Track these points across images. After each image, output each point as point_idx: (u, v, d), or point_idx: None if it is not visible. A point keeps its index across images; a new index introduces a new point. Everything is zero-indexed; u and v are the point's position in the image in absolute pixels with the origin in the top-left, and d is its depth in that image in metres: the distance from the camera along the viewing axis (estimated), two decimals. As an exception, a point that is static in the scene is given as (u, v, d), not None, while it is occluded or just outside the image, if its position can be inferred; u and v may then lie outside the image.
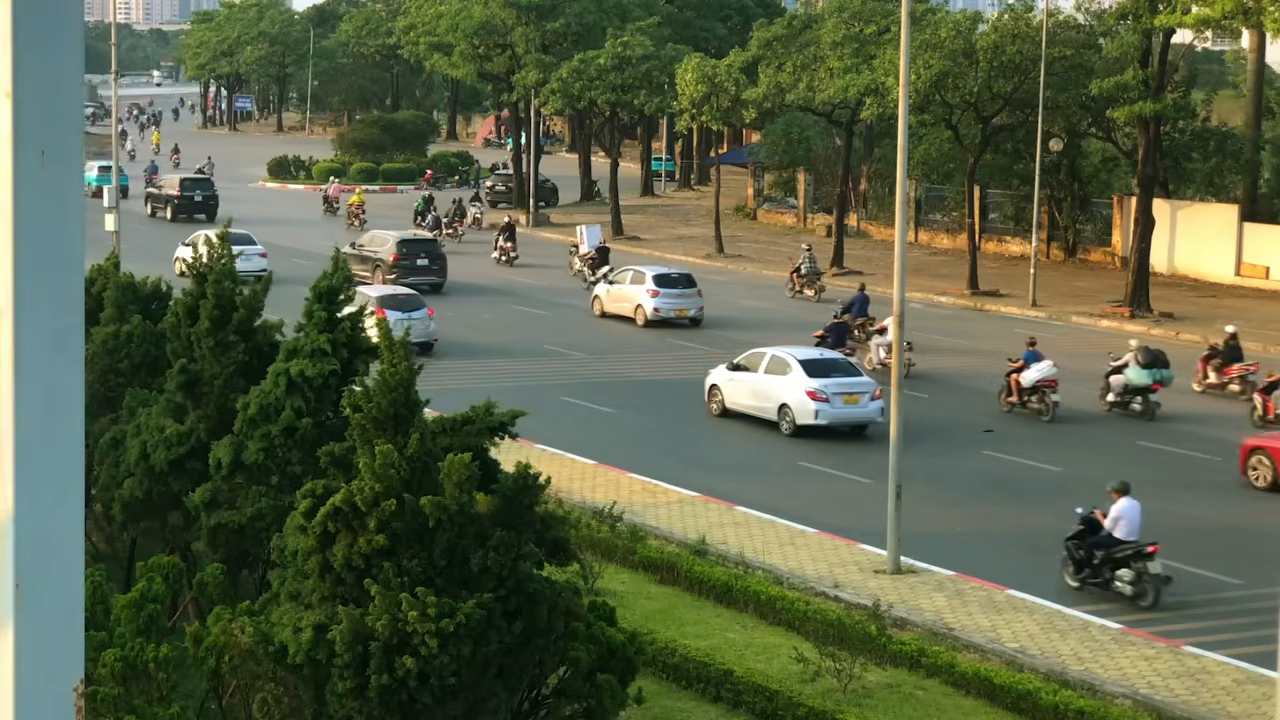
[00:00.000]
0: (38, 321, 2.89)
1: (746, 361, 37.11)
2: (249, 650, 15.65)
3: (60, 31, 2.90)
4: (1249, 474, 31.79)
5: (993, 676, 20.70)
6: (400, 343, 16.19)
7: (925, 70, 55.57)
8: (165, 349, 22.10)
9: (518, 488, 15.69)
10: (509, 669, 15.47)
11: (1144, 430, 36.34)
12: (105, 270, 26.61)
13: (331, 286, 19.91)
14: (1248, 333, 50.10)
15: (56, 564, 2.96)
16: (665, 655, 21.13)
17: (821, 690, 20.43)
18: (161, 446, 20.74)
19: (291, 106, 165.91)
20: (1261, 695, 20.70)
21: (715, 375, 37.64)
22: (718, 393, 37.30)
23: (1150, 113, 53.17)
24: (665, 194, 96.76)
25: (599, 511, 27.28)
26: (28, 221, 2.86)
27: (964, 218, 64.40)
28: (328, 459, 16.54)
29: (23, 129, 2.85)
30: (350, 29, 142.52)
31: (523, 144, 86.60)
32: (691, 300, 50.62)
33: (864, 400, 35.36)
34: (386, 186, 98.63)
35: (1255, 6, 49.96)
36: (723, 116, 68.60)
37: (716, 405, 37.25)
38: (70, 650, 3.00)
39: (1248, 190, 62.88)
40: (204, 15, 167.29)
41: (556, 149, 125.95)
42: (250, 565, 20.45)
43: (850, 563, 26.30)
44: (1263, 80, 67.02)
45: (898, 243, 27.54)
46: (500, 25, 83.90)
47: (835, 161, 70.24)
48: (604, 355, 45.32)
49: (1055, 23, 58.73)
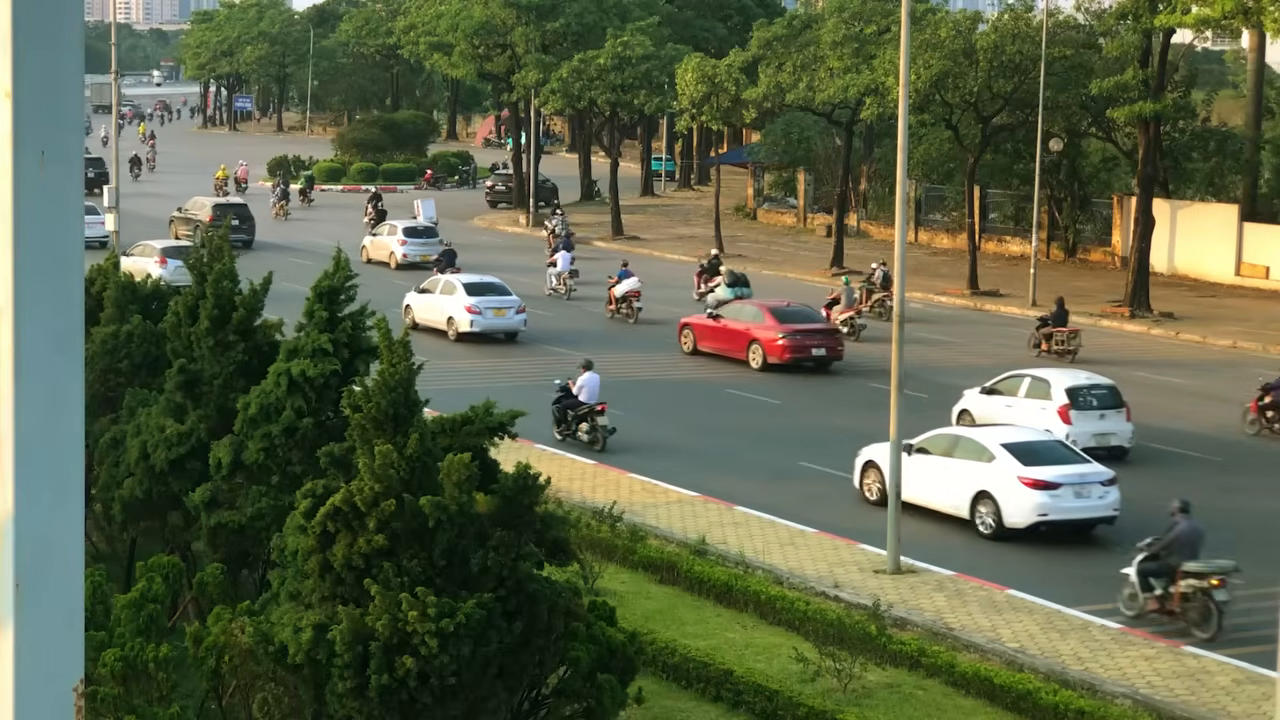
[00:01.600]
0: (38, 321, 2.89)
1: (430, 285, 48.37)
2: (249, 650, 15.65)
3: (60, 31, 2.90)
4: (681, 342, 44.75)
5: (993, 676, 20.69)
6: (401, 343, 16.19)
7: (925, 70, 55.57)
8: (165, 349, 22.10)
9: (518, 488, 15.69)
10: (509, 669, 15.47)
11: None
12: (105, 270, 26.62)
13: (333, 286, 19.91)
14: (1248, 333, 50.14)
15: (56, 564, 2.97)
16: (665, 655, 21.12)
17: (821, 690, 20.43)
18: (161, 446, 20.74)
19: (291, 106, 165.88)
20: (1261, 695, 20.70)
21: (409, 297, 47.97)
22: (410, 311, 47.00)
23: (1150, 113, 53.17)
24: (665, 194, 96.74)
25: (599, 511, 27.27)
26: (28, 221, 2.86)
27: (964, 218, 64.40)
28: (328, 459, 16.54)
29: (23, 129, 2.85)
30: (350, 29, 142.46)
31: (523, 144, 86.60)
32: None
33: (510, 314, 46.64)
34: (386, 186, 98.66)
35: (1255, 6, 49.95)
36: (723, 116, 68.58)
37: (410, 319, 45.42)
38: (70, 650, 3.00)
39: (1248, 190, 62.88)
40: (204, 15, 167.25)
41: (556, 149, 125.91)
42: (250, 565, 20.45)
43: (850, 563, 26.30)
44: (1263, 80, 67.01)
45: (898, 243, 27.54)
46: (500, 25, 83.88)
47: (835, 161, 70.22)
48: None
49: (1055, 23, 58.73)
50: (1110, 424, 33.48)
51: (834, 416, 37.60)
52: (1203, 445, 35.08)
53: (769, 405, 38.89)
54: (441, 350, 43.85)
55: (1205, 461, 33.74)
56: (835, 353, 43.33)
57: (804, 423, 37.16)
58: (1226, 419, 37.43)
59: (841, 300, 48.52)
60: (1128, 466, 32.15)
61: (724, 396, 39.61)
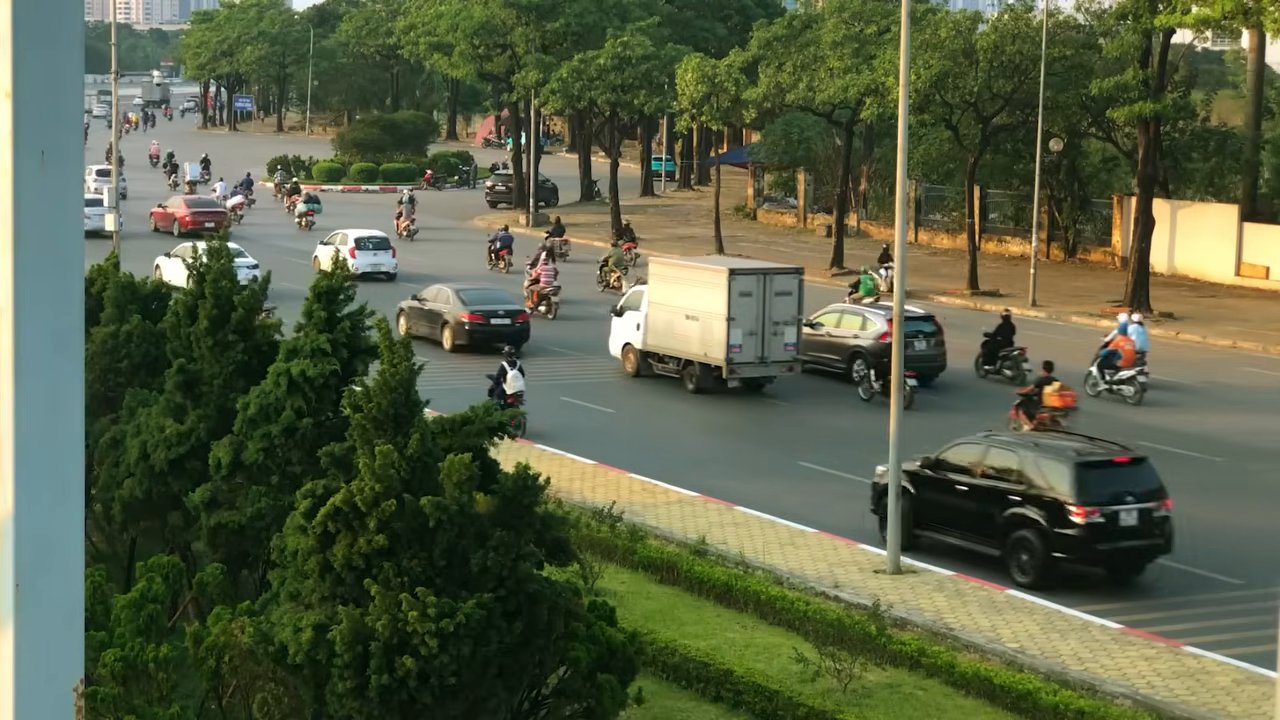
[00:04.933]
0: (38, 321, 2.89)
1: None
2: (249, 650, 15.65)
3: (60, 31, 2.90)
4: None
5: (993, 676, 20.69)
6: (401, 343, 16.20)
7: (925, 70, 55.57)
8: (165, 349, 22.10)
9: (518, 488, 15.69)
10: (509, 669, 15.47)
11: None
12: (105, 270, 26.62)
13: (331, 287, 19.91)
14: (1247, 333, 50.15)
15: (56, 564, 2.96)
16: (665, 655, 21.12)
17: (821, 690, 20.43)
18: (161, 446, 20.74)
19: (291, 106, 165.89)
20: (1261, 695, 20.69)
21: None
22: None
23: (1150, 113, 53.17)
24: (665, 194, 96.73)
25: (599, 511, 27.26)
26: (28, 221, 2.86)
27: (964, 218, 64.40)
28: (328, 459, 16.53)
29: (23, 129, 2.85)
30: (350, 29, 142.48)
31: (523, 144, 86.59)
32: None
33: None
34: (386, 187, 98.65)
35: (1255, 6, 49.96)
36: (723, 116, 68.57)
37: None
38: (70, 650, 3.00)
39: (1248, 190, 62.88)
40: (204, 15, 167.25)
41: (556, 149, 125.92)
42: (250, 565, 20.45)
43: (850, 563, 26.29)
44: (1263, 80, 67.03)
45: (898, 243, 27.54)
46: (500, 25, 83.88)
47: (835, 161, 70.21)
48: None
49: (1055, 23, 58.73)
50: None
51: (838, 417, 37.58)
52: (1203, 445, 35.07)
53: (770, 405, 38.88)
54: (437, 353, 43.93)
55: (1205, 461, 33.72)
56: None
57: (805, 423, 37.15)
58: (1228, 419, 37.41)
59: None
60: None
61: (723, 397, 39.57)
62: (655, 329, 40.86)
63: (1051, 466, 25.26)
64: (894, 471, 26.16)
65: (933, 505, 26.75)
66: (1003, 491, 25.62)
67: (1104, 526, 24.77)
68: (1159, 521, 25.20)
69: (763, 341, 39.16)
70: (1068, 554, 24.90)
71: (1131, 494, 25.15)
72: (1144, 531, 25.10)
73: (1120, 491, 25.11)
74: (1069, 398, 33.96)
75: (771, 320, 39.23)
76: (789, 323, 39.49)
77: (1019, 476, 25.55)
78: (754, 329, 39.07)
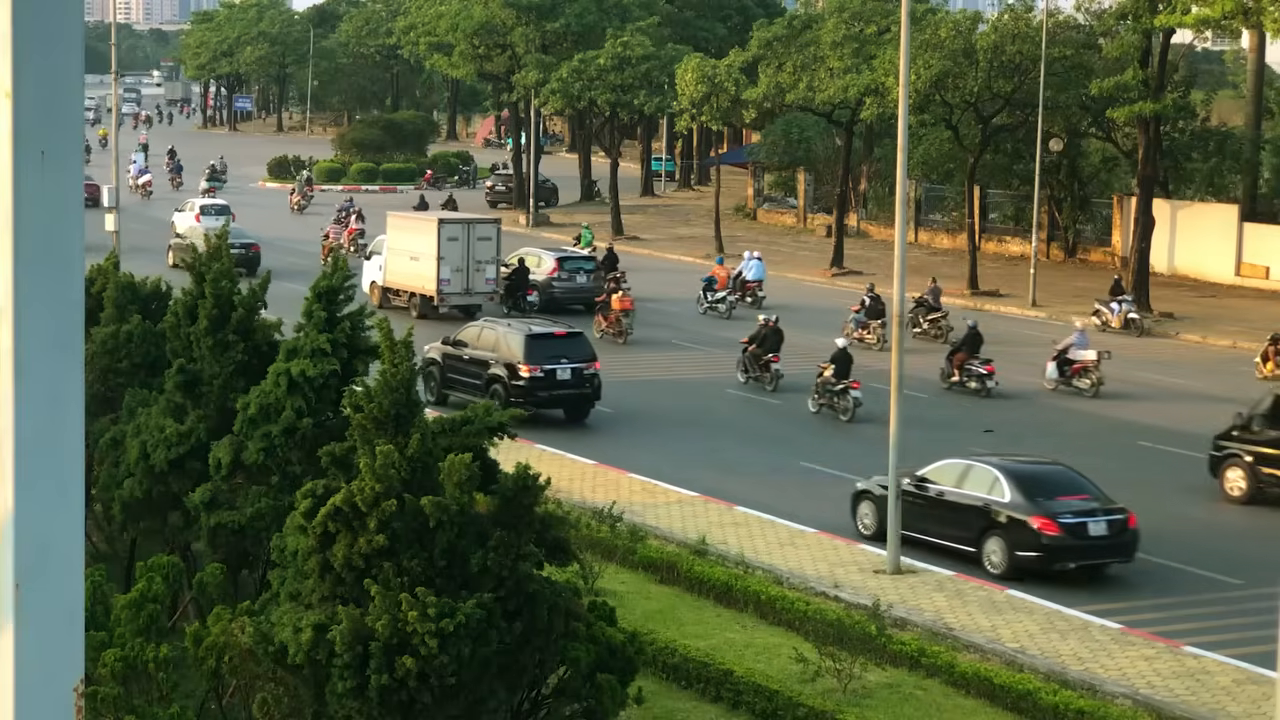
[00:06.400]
0: (38, 321, 2.89)
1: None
2: (249, 650, 15.65)
3: (60, 31, 2.90)
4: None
5: (993, 676, 20.69)
6: (403, 343, 16.20)
7: (925, 70, 55.57)
8: (165, 349, 22.10)
9: (518, 488, 15.69)
10: (509, 669, 15.47)
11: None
12: (105, 270, 26.61)
13: (331, 286, 19.91)
14: (1247, 333, 50.13)
15: (56, 564, 2.96)
16: (665, 655, 21.12)
17: (821, 690, 20.42)
18: (161, 446, 20.74)
19: (291, 106, 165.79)
20: (1261, 695, 20.70)
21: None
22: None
23: (1150, 113, 53.18)
24: (665, 194, 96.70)
25: (599, 511, 27.26)
26: (28, 221, 2.86)
27: (964, 218, 64.40)
28: (328, 459, 16.53)
29: (23, 129, 2.85)
30: (350, 29, 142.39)
31: (523, 144, 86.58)
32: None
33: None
34: (387, 186, 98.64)
35: (1255, 6, 49.97)
36: (723, 116, 68.57)
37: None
38: (70, 650, 3.00)
39: (1248, 190, 62.89)
40: (204, 15, 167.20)
41: (556, 149, 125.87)
42: (250, 565, 20.45)
43: (850, 563, 26.29)
44: (1263, 80, 67.03)
45: (898, 243, 27.53)
46: (500, 25, 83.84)
47: (835, 161, 70.21)
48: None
49: (1055, 23, 58.72)
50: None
51: (838, 417, 37.58)
52: (1203, 445, 35.03)
53: (771, 405, 38.89)
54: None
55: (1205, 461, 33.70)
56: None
57: (805, 422, 37.15)
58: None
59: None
60: (1126, 465, 32.15)
61: (724, 397, 39.60)
62: (391, 269, 51.20)
63: (513, 339, 36.17)
64: (894, 471, 26.17)
65: (452, 382, 37.15)
66: (485, 360, 36.23)
67: (544, 380, 35.34)
68: (589, 377, 35.85)
69: (468, 276, 49.52)
70: (521, 399, 34.02)
71: (566, 357, 35.63)
72: (576, 384, 35.73)
73: (558, 355, 35.59)
74: (628, 302, 47.25)
75: (475, 259, 49.56)
76: (490, 262, 50.01)
77: (493, 346, 36.41)
78: (460, 266, 49.32)
